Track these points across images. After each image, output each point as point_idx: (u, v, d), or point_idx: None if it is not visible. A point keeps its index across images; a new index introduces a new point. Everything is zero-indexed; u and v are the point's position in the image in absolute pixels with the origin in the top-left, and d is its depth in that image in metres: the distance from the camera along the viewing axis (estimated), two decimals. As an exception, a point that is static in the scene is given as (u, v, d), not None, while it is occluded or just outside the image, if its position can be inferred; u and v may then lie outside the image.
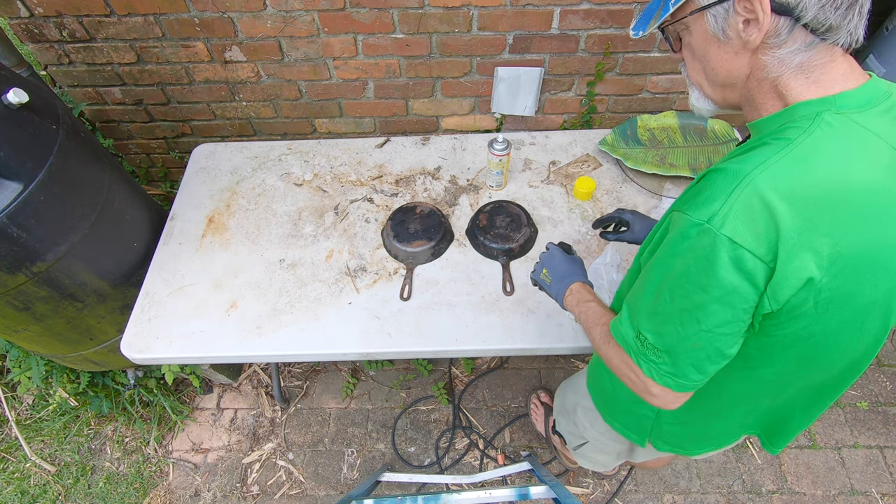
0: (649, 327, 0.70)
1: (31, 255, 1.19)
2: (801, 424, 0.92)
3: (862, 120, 0.62)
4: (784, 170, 0.59)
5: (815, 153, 0.59)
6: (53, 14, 1.53)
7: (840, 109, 0.62)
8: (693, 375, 0.70)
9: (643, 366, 0.73)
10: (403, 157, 1.73)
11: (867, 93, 0.63)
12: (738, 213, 0.58)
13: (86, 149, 1.30)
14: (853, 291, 0.63)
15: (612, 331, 0.80)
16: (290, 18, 1.56)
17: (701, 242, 0.61)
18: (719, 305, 0.62)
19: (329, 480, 1.88)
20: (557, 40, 1.62)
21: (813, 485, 1.79)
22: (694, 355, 0.67)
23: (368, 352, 1.32)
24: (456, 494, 1.32)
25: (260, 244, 1.53)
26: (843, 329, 0.67)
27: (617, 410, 1.07)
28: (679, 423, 0.96)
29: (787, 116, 0.64)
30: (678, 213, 0.66)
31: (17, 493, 1.89)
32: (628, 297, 0.77)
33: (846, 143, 0.60)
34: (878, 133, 0.62)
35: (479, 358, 2.11)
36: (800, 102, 0.63)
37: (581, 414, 1.26)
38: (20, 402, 2.04)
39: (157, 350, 1.34)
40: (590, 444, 1.31)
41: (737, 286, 0.60)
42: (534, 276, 1.12)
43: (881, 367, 2.02)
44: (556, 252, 1.09)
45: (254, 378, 2.11)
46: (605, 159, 1.69)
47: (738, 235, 0.58)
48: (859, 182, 0.60)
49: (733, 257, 0.59)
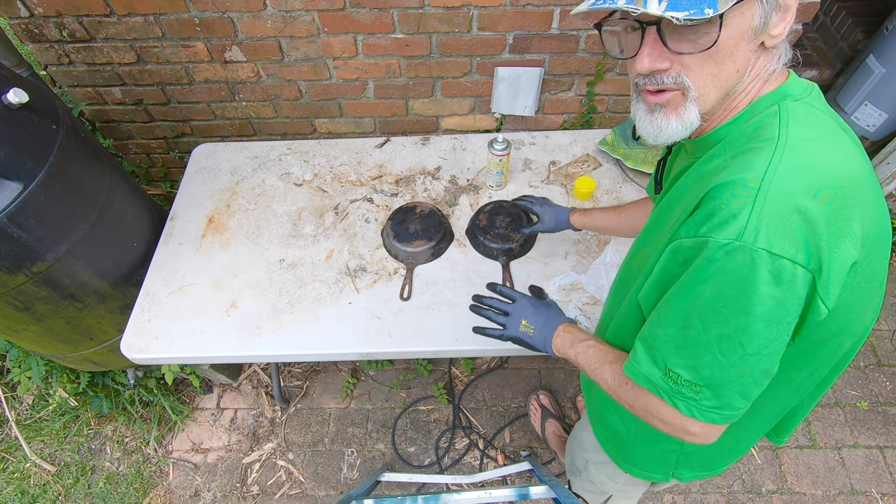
0: (680, 363, 0.64)
1: (31, 255, 1.19)
2: (805, 412, 0.89)
3: (815, 104, 0.64)
4: (793, 168, 0.57)
5: (806, 144, 0.59)
6: (53, 14, 1.53)
7: (795, 97, 0.63)
8: (739, 404, 0.64)
9: (680, 405, 0.66)
10: (403, 157, 1.73)
11: (800, 82, 0.66)
12: (769, 222, 0.55)
13: (86, 149, 1.30)
14: (874, 268, 0.63)
15: (628, 373, 0.72)
16: (290, 18, 1.56)
17: (734, 262, 0.56)
18: (763, 324, 0.57)
19: (329, 480, 1.88)
20: (557, 40, 1.62)
21: (813, 485, 1.79)
22: (740, 382, 0.62)
23: (368, 352, 1.32)
24: (456, 494, 1.31)
25: (260, 244, 1.53)
26: (863, 308, 0.66)
27: (635, 455, 0.98)
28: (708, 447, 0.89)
29: (750, 114, 0.65)
30: (691, 240, 0.60)
31: (17, 493, 1.88)
32: (641, 333, 0.70)
33: (821, 128, 0.62)
34: (829, 115, 0.64)
35: (479, 358, 2.11)
36: (758, 99, 0.65)
37: (595, 470, 1.17)
38: (20, 402, 2.04)
39: (157, 350, 1.34)
40: (614, 497, 1.23)
41: (780, 300, 0.56)
42: (509, 334, 0.96)
43: (881, 367, 2.01)
44: (527, 301, 0.97)
45: (254, 378, 2.11)
46: (605, 159, 1.69)
47: (775, 246, 0.54)
48: (850, 162, 0.61)
49: (772, 270, 0.55)
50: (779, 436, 0.95)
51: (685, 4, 0.53)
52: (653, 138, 0.67)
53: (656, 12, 0.54)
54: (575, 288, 1.38)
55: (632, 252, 0.84)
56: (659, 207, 0.78)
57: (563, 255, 1.46)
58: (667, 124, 0.65)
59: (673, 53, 0.60)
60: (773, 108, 0.63)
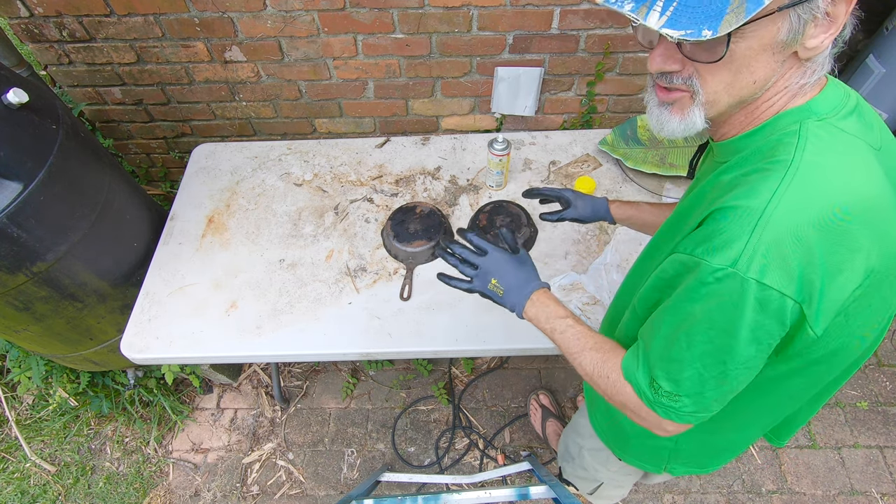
0: (664, 375, 0.66)
1: (31, 255, 1.19)
2: (807, 416, 0.90)
3: (841, 125, 0.61)
4: (798, 197, 0.56)
5: (818, 171, 0.57)
6: (53, 14, 1.53)
7: (820, 116, 0.61)
8: (715, 407, 0.67)
9: (659, 411, 0.69)
10: (403, 157, 1.73)
11: (832, 95, 0.62)
12: (763, 253, 0.55)
13: (86, 149, 1.30)
14: (877, 297, 0.62)
15: (624, 372, 0.73)
16: (290, 18, 1.56)
17: (724, 288, 0.57)
18: (746, 345, 0.60)
19: (329, 480, 1.88)
20: (557, 40, 1.62)
21: (813, 485, 1.79)
22: (718, 391, 0.65)
23: (368, 352, 1.32)
24: (456, 494, 1.31)
25: (260, 244, 1.53)
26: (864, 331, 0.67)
27: (630, 445, 1.00)
28: (700, 445, 0.93)
29: (771, 129, 0.63)
30: (688, 257, 0.61)
31: (17, 493, 1.89)
32: (641, 335, 0.72)
33: (840, 152, 0.59)
34: (857, 135, 0.61)
35: (479, 358, 2.11)
36: (783, 112, 0.62)
37: (589, 456, 1.19)
38: (20, 402, 2.04)
39: (157, 350, 1.34)
40: (605, 484, 1.25)
41: (763, 324, 0.58)
42: (476, 288, 0.91)
43: (881, 367, 2.01)
44: (499, 257, 0.90)
45: (254, 378, 2.11)
46: (605, 159, 1.69)
47: (766, 277, 0.55)
48: (867, 187, 0.59)
49: (761, 298, 0.56)
50: (779, 438, 0.96)
51: (684, 23, 0.52)
52: (656, 131, 0.68)
53: (654, 27, 0.53)
54: (575, 288, 1.38)
55: (652, 244, 0.83)
56: (679, 207, 0.78)
57: (563, 255, 1.46)
58: (669, 121, 0.65)
59: (686, 57, 0.59)
60: (795, 126, 0.60)
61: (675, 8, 0.52)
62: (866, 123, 0.64)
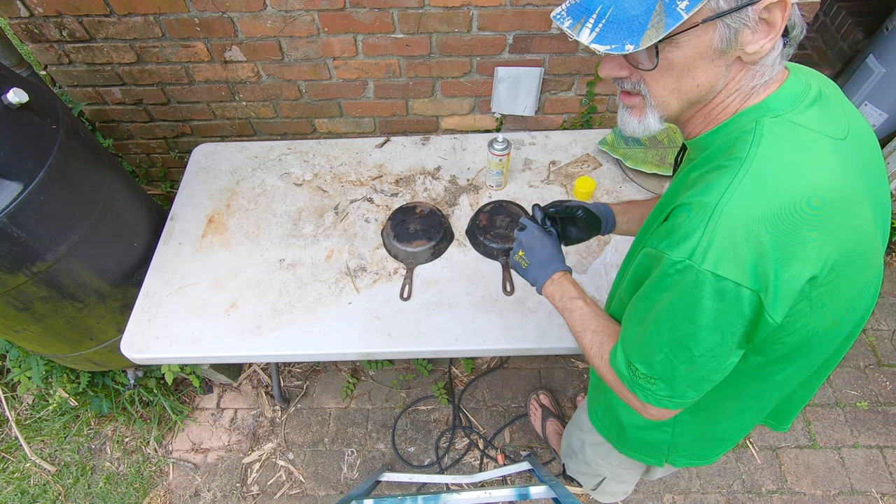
0: (638, 358, 0.72)
1: (31, 255, 1.19)
2: (805, 399, 0.94)
3: (798, 119, 0.63)
4: (749, 192, 0.59)
5: (770, 166, 0.60)
6: (53, 14, 1.53)
7: (776, 113, 0.63)
8: (690, 395, 0.71)
9: (638, 393, 0.74)
10: (403, 157, 1.73)
11: (792, 89, 0.65)
12: (716, 246, 0.59)
13: (86, 149, 1.30)
14: (845, 284, 0.64)
15: (610, 354, 0.80)
16: (290, 18, 1.56)
17: (683, 279, 0.61)
18: (708, 332, 0.63)
19: (329, 480, 1.88)
20: (557, 40, 1.62)
21: (813, 485, 1.79)
22: (689, 378, 0.69)
23: (368, 352, 1.32)
24: (456, 494, 1.32)
25: (260, 244, 1.53)
26: (841, 315, 0.69)
27: (629, 439, 1.03)
28: (696, 435, 0.95)
29: (732, 127, 0.66)
30: (654, 250, 0.66)
31: (17, 493, 1.89)
32: (623, 317, 0.77)
33: (794, 147, 0.61)
34: (815, 128, 0.63)
35: (479, 358, 2.11)
36: (742, 111, 0.65)
37: (590, 451, 1.22)
38: (20, 402, 2.04)
39: (157, 350, 1.34)
40: (608, 479, 1.26)
41: (723, 311, 0.61)
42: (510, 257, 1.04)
43: (881, 367, 2.02)
44: (535, 232, 1.00)
45: (254, 378, 2.11)
46: (605, 159, 1.69)
47: (720, 268, 0.59)
48: (820, 183, 0.60)
49: (717, 289, 0.60)
50: (779, 423, 0.98)
51: (609, 39, 0.58)
52: (621, 131, 0.75)
53: (585, 42, 0.59)
54: (575, 288, 1.38)
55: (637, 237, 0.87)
56: (659, 202, 0.82)
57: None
58: (630, 122, 0.71)
59: (630, 65, 0.65)
60: (752, 124, 0.64)
61: (602, 26, 0.59)
62: (829, 113, 0.66)
